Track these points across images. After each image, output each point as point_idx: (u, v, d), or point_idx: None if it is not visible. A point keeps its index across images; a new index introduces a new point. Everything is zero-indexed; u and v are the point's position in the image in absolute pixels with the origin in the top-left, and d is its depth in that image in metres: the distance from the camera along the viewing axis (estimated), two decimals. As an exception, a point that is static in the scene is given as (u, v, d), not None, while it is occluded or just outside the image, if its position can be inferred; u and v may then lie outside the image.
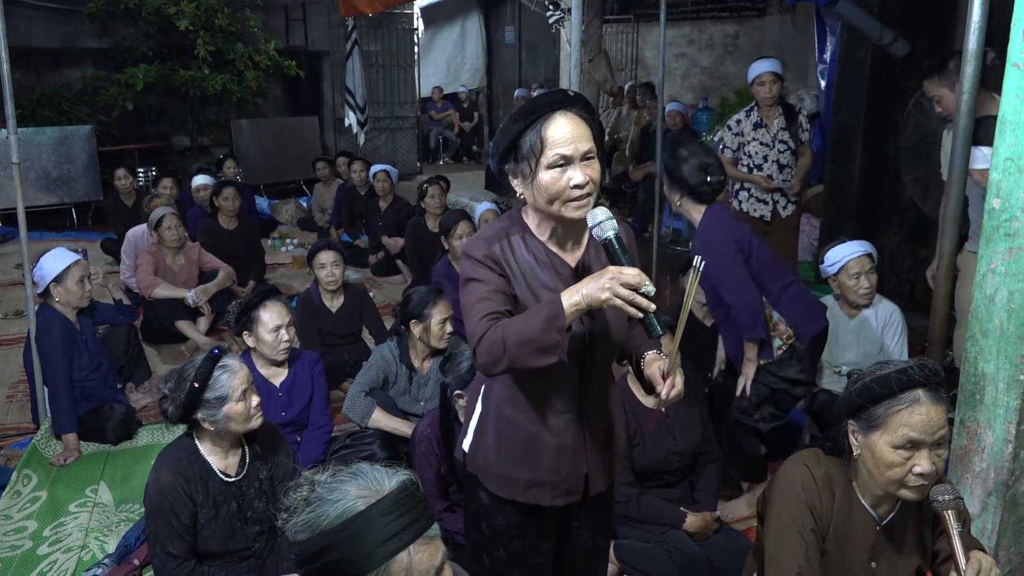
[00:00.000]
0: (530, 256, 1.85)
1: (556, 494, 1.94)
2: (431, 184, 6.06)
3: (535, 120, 1.75)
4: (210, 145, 10.78)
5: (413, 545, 1.24)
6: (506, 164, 1.83)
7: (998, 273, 2.30)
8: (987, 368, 2.34)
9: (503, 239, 1.85)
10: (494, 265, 1.82)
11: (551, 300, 1.66)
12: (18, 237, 3.85)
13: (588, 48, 6.73)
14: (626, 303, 1.59)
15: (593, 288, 1.61)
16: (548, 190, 1.74)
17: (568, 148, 1.72)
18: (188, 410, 2.37)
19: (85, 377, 3.85)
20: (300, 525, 1.26)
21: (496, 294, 1.80)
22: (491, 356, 1.72)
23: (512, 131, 1.78)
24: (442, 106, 13.14)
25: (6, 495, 3.39)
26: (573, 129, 1.74)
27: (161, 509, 2.32)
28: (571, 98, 1.79)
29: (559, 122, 1.73)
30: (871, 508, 1.87)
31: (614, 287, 1.59)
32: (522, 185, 1.81)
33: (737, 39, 9.82)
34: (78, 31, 9.45)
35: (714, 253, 2.94)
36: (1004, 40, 2.23)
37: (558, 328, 1.64)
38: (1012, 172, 2.23)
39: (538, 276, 1.84)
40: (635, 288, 1.58)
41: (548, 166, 1.73)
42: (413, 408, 3.54)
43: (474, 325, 1.77)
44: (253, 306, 3.35)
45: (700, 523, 2.89)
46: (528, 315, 1.71)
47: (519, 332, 1.67)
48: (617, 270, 1.61)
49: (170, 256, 5.34)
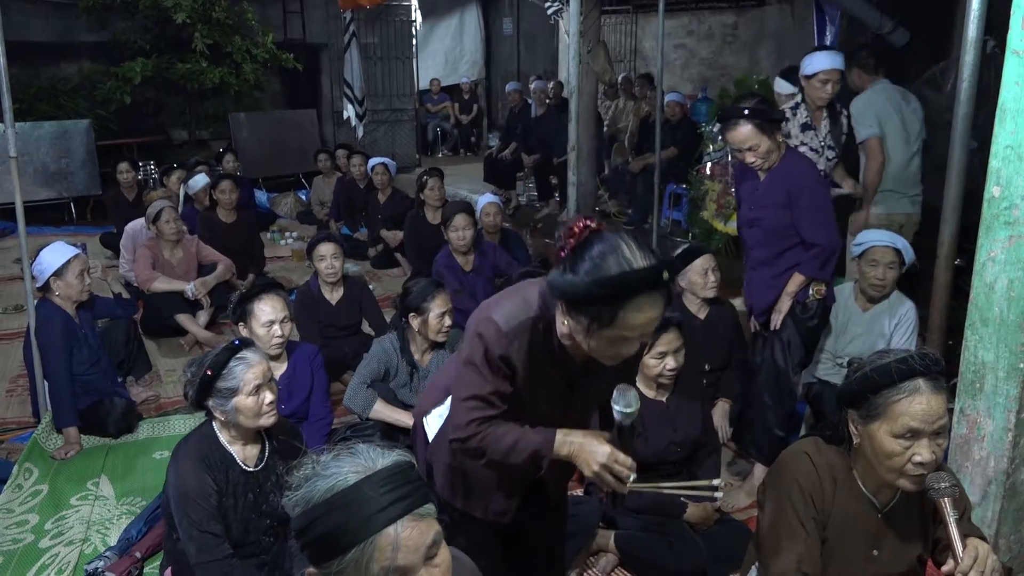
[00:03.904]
0: (544, 356, 1.75)
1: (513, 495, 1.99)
2: (430, 176, 6.04)
3: (622, 298, 1.54)
4: (208, 138, 10.76)
5: (401, 521, 1.24)
6: (567, 302, 1.62)
7: (998, 261, 2.30)
8: (987, 356, 2.34)
9: (525, 335, 1.72)
10: (504, 366, 1.73)
11: (543, 437, 1.74)
12: (17, 232, 3.84)
13: (587, 39, 6.71)
14: (604, 484, 1.71)
15: (584, 455, 1.70)
16: (597, 352, 1.65)
17: (636, 333, 1.59)
18: (200, 396, 2.37)
19: (85, 371, 3.85)
20: (296, 500, 1.28)
21: (493, 395, 1.76)
22: (470, 455, 1.81)
23: (594, 294, 1.55)
24: (439, 98, 13.11)
25: (7, 489, 3.39)
26: (652, 319, 1.58)
27: (188, 494, 2.31)
28: (663, 282, 1.57)
29: (642, 311, 1.55)
30: (872, 496, 1.87)
31: (602, 474, 1.69)
32: (571, 327, 1.64)
33: (736, 29, 9.77)
34: (75, 25, 9.42)
35: (811, 188, 3.06)
36: (1003, 28, 2.23)
37: (539, 465, 1.74)
38: (1012, 160, 2.23)
39: (545, 374, 1.78)
40: (621, 479, 1.69)
41: (608, 339, 1.60)
42: (414, 401, 3.53)
43: (462, 419, 1.78)
44: (250, 298, 3.35)
45: (701, 513, 2.90)
46: (516, 442, 1.74)
47: (503, 453, 1.74)
48: (614, 458, 1.69)
49: (168, 249, 5.33)
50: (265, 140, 10.44)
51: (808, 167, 3.21)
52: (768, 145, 3.07)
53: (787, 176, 3.11)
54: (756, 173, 3.21)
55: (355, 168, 7.72)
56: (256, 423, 2.40)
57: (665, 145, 6.54)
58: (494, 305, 1.77)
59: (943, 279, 2.81)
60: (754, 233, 3.29)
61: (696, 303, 3.70)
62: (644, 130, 8.45)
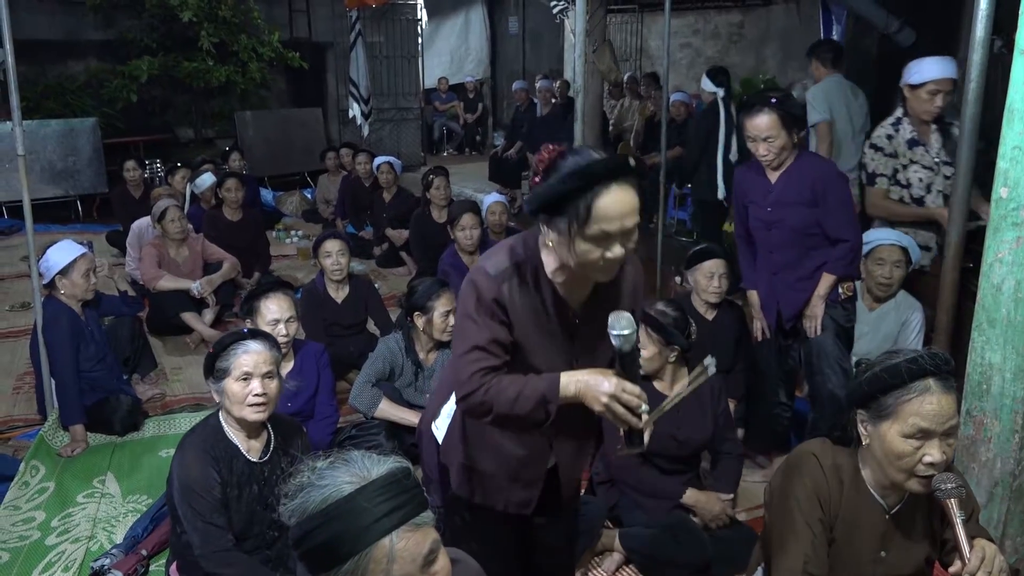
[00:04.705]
0: (537, 300, 1.78)
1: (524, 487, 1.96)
2: (436, 175, 6.03)
3: (590, 187, 1.62)
4: (214, 137, 10.78)
5: (397, 532, 1.24)
6: (544, 213, 1.71)
7: (1005, 262, 2.29)
8: (994, 358, 2.34)
9: (513, 278, 1.77)
10: (498, 310, 1.75)
11: (548, 381, 1.70)
12: (24, 229, 3.85)
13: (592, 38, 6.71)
14: (617, 419, 1.63)
15: (591, 391, 1.65)
16: (581, 258, 1.66)
17: (614, 225, 1.62)
18: (207, 372, 2.45)
19: (91, 368, 3.87)
20: (292, 509, 1.28)
21: (492, 344, 1.75)
22: (476, 412, 1.77)
23: (561, 189, 1.64)
24: (447, 97, 13.12)
25: (14, 486, 3.40)
26: (624, 206, 1.62)
27: (192, 486, 2.33)
28: (629, 169, 1.66)
29: (612, 196, 1.61)
30: (880, 497, 1.87)
31: (612, 405, 1.63)
32: (554, 238, 1.70)
33: (742, 28, 9.76)
34: (82, 23, 9.45)
35: (837, 184, 3.05)
36: (1011, 27, 2.22)
37: (548, 411, 1.69)
38: (1020, 161, 2.22)
39: (539, 320, 1.79)
40: (632, 409, 1.62)
41: (589, 238, 1.64)
42: (419, 400, 3.54)
43: (465, 373, 1.76)
44: (258, 295, 3.36)
45: (703, 500, 2.87)
46: (521, 390, 1.71)
47: (509, 404, 1.71)
48: (620, 387, 1.64)
49: (174, 248, 5.34)
50: (271, 139, 10.46)
51: (828, 163, 3.18)
52: (784, 141, 3.02)
53: (808, 173, 3.07)
54: (764, 173, 3.16)
55: (360, 166, 7.72)
56: (240, 412, 2.39)
57: (670, 145, 6.53)
58: (482, 259, 1.84)
59: (950, 280, 2.79)
60: (776, 234, 3.20)
61: (703, 304, 3.70)
62: (649, 129, 8.45)
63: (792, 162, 3.10)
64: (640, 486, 2.89)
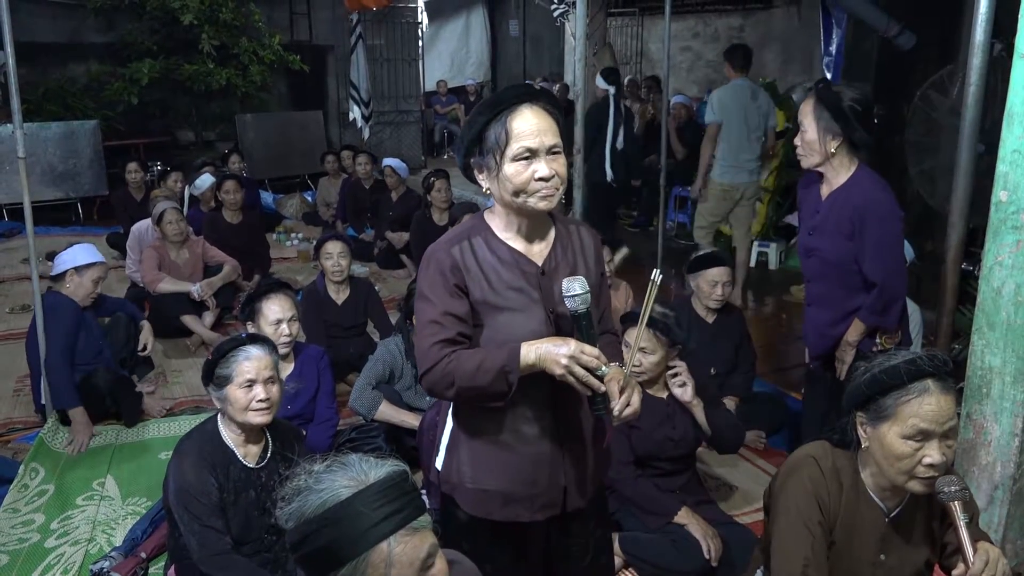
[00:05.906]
0: (493, 257, 1.81)
1: (534, 508, 1.88)
2: (437, 177, 6.03)
3: (500, 113, 1.73)
4: (215, 139, 10.79)
5: (395, 536, 1.24)
6: (472, 158, 1.81)
7: (1005, 266, 2.29)
8: (994, 361, 2.34)
9: (463, 241, 1.82)
10: (451, 275, 1.78)
11: (508, 350, 1.69)
12: (24, 232, 3.86)
13: (593, 41, 6.73)
14: (578, 381, 1.63)
15: (550, 356, 1.65)
16: (513, 182, 1.72)
17: (533, 141, 1.70)
18: (205, 381, 2.43)
19: (88, 361, 3.91)
20: (289, 513, 1.27)
21: (447, 316, 1.76)
22: (439, 387, 1.76)
23: (477, 124, 1.75)
24: (447, 100, 13.13)
25: (13, 489, 3.40)
26: (539, 122, 1.72)
27: (189, 490, 2.33)
28: (537, 92, 1.78)
29: (525, 115, 1.72)
30: (879, 500, 1.87)
31: (571, 366, 1.63)
32: (487, 179, 1.79)
33: (742, 32, 9.78)
34: (83, 26, 9.45)
35: (881, 219, 2.64)
36: (1011, 31, 2.22)
37: (509, 382, 1.68)
38: (1019, 164, 2.22)
39: (502, 276, 1.80)
40: (591, 370, 1.62)
41: (513, 158, 1.71)
42: (419, 403, 3.54)
43: (424, 348, 1.77)
44: (259, 296, 3.36)
45: (692, 521, 2.79)
46: (481, 362, 1.70)
47: (470, 375, 1.70)
48: (579, 349, 1.64)
49: (174, 250, 5.34)
50: (271, 141, 10.46)
51: (882, 193, 2.70)
52: (813, 137, 2.70)
53: (854, 199, 2.69)
54: (820, 183, 2.83)
55: (360, 167, 7.73)
56: (243, 417, 2.40)
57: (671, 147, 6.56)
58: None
59: (950, 283, 2.79)
60: (812, 264, 2.89)
61: (704, 308, 3.70)
62: (650, 133, 8.45)
63: (847, 180, 2.74)
64: (636, 499, 2.88)
